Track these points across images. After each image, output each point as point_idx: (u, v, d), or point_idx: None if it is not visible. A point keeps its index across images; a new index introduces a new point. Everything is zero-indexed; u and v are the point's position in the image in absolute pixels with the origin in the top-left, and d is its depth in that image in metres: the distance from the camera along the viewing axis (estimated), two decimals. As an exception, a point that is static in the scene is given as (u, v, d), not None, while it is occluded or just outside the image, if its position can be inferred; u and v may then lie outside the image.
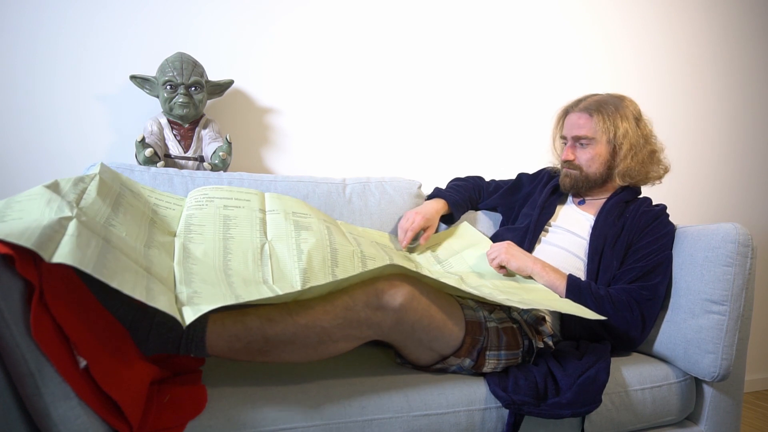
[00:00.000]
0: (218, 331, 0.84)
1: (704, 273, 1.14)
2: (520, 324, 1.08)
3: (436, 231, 1.51)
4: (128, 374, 0.74)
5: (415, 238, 1.42)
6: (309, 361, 0.93)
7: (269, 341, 0.87)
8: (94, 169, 1.01)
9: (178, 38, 1.56)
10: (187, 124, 1.45)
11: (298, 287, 1.01)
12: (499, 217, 1.60)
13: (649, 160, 1.33)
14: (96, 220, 0.86)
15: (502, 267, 1.22)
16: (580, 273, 1.27)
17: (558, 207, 1.42)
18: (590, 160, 1.32)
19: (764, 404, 2.19)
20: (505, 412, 0.97)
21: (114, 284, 0.67)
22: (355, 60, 1.76)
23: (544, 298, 1.09)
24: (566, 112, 1.39)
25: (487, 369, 1.02)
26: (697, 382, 1.20)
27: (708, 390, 1.19)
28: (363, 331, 0.91)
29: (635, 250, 1.22)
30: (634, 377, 1.12)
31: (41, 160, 1.44)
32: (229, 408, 0.83)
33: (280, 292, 0.89)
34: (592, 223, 1.30)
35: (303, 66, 1.70)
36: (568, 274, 1.19)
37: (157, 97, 1.44)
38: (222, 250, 1.05)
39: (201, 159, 1.45)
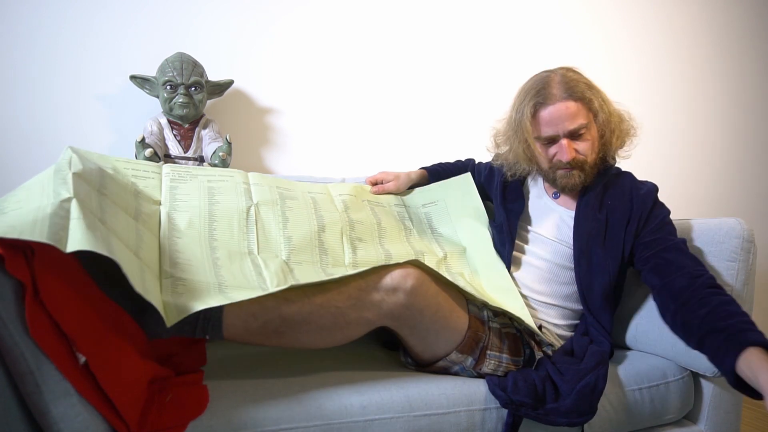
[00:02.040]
0: (235, 310, 0.86)
1: (707, 267, 1.13)
2: (521, 333, 1.08)
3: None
4: (127, 371, 0.74)
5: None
6: (323, 347, 0.95)
7: (285, 320, 0.88)
8: (65, 153, 0.98)
9: (178, 38, 1.56)
10: (187, 124, 1.45)
11: (283, 256, 1.05)
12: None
13: (624, 120, 1.19)
14: (91, 187, 0.86)
15: None
16: (571, 282, 1.19)
17: (527, 201, 1.30)
18: (589, 148, 1.16)
19: (764, 404, 2.19)
20: (505, 412, 0.97)
21: (125, 269, 0.69)
22: (354, 60, 1.76)
23: (513, 308, 1.08)
24: (537, 108, 1.14)
25: (487, 369, 1.03)
26: (696, 381, 1.19)
27: (708, 389, 1.19)
28: (374, 313, 0.94)
29: (642, 243, 1.12)
30: (631, 377, 1.11)
31: (41, 161, 1.44)
32: (231, 408, 0.82)
33: (270, 287, 0.92)
34: (573, 222, 1.19)
35: (303, 66, 1.70)
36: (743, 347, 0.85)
37: (157, 97, 1.44)
38: (207, 217, 1.06)
39: (201, 159, 1.45)
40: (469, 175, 1.43)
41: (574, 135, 1.14)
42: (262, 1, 1.65)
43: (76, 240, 0.65)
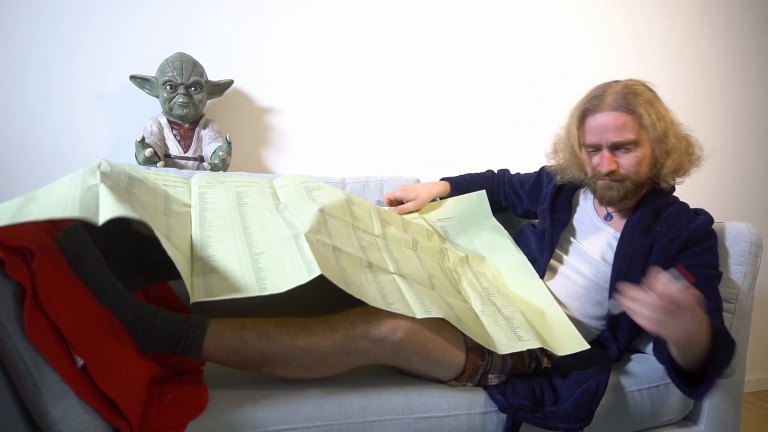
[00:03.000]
0: (216, 342, 0.85)
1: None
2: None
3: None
4: (126, 372, 0.74)
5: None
6: (302, 380, 0.92)
7: (265, 358, 0.87)
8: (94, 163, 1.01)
9: (178, 38, 1.56)
10: (187, 124, 1.45)
11: (317, 207, 1.07)
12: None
13: (688, 145, 1.14)
14: (119, 185, 0.89)
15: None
16: (604, 302, 1.18)
17: (573, 213, 1.29)
18: (637, 164, 1.10)
19: (764, 404, 2.19)
20: (506, 416, 0.97)
21: (146, 221, 0.75)
22: (354, 59, 1.75)
23: (539, 331, 1.05)
24: (585, 114, 1.13)
25: (489, 384, 1.02)
26: (697, 382, 1.20)
27: (708, 390, 1.19)
28: (359, 358, 0.92)
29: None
30: (631, 378, 1.11)
31: (40, 161, 1.44)
32: (230, 408, 0.82)
33: (303, 230, 0.96)
34: (617, 242, 1.16)
35: (303, 66, 1.70)
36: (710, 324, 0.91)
37: (157, 97, 1.44)
38: (238, 213, 1.07)
39: (201, 159, 1.45)
40: (483, 192, 1.42)
41: (618, 148, 1.10)
42: (262, 1, 1.64)
43: (107, 210, 0.68)
